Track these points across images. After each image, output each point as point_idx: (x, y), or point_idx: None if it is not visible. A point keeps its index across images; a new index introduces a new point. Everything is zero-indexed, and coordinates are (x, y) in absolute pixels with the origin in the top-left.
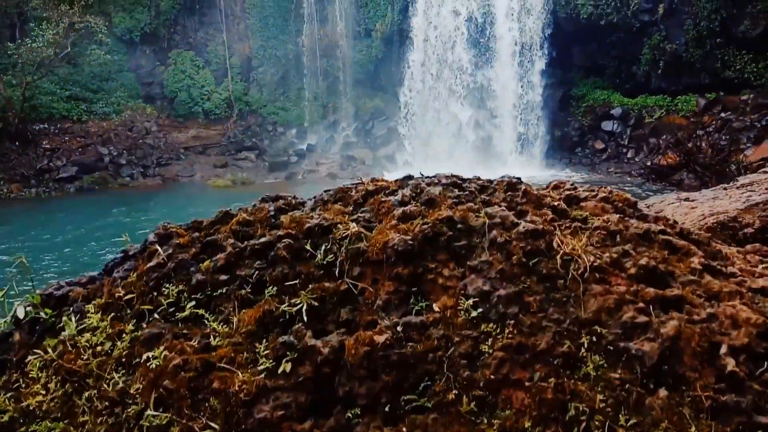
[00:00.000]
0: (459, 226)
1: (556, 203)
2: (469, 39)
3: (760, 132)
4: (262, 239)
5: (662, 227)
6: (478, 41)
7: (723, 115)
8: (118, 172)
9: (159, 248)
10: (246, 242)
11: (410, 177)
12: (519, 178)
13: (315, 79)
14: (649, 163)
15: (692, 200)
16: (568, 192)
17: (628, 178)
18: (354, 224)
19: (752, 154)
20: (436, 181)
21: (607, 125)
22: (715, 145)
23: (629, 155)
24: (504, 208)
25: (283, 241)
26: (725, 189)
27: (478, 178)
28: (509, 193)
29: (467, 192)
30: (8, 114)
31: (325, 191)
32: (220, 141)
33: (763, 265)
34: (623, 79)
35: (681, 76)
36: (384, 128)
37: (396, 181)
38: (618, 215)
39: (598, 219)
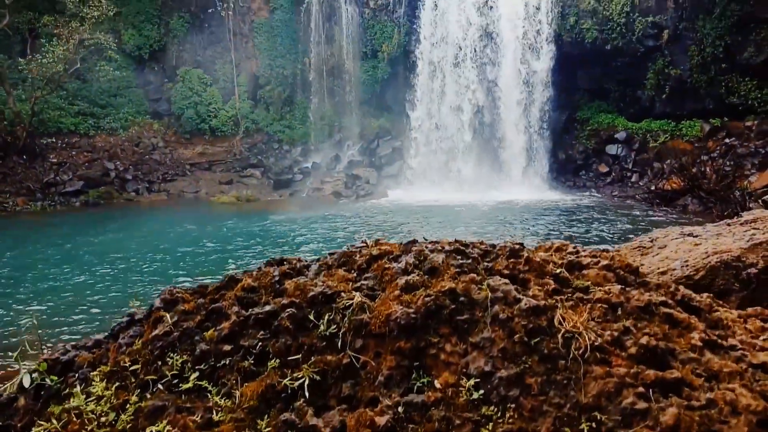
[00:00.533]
0: (462, 299)
1: (558, 271)
2: (474, 61)
3: (764, 158)
4: (266, 308)
5: (663, 298)
6: (483, 64)
7: (727, 140)
8: (123, 186)
9: (165, 314)
10: (250, 310)
11: (414, 242)
12: (521, 244)
13: (321, 98)
14: (653, 188)
15: (696, 236)
16: (570, 257)
17: (632, 202)
18: (357, 294)
19: (756, 181)
20: (440, 247)
21: (612, 149)
22: (720, 171)
23: (633, 179)
24: (506, 281)
25: (287, 310)
26: (729, 225)
27: (482, 242)
28: (511, 260)
29: (470, 259)
30: (17, 128)
31: (329, 254)
32: (225, 158)
33: (764, 337)
34: (628, 103)
35: (685, 101)
36: (389, 148)
37: (400, 245)
38: (619, 287)
39: (600, 290)
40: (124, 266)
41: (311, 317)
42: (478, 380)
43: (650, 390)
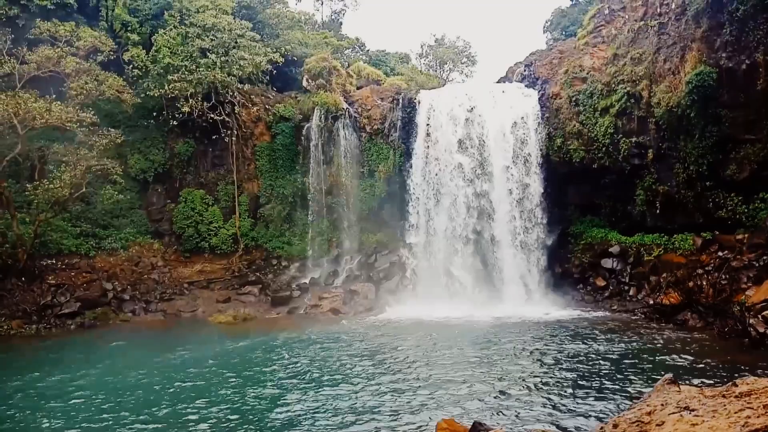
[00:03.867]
0: None
1: None
2: (467, 179)
3: (759, 271)
4: None
5: None
6: (475, 182)
7: (720, 253)
8: (120, 307)
9: None
10: None
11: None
12: None
13: (320, 215)
14: (651, 302)
15: (692, 410)
16: None
17: (633, 317)
18: None
19: (754, 295)
20: None
21: (607, 262)
22: (716, 285)
23: (631, 293)
24: None
25: None
26: (724, 397)
27: None
28: None
29: None
30: (18, 250)
31: None
32: (224, 275)
33: None
34: (619, 217)
35: (676, 215)
36: (387, 262)
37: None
38: None
39: None
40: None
41: None
42: None
43: None
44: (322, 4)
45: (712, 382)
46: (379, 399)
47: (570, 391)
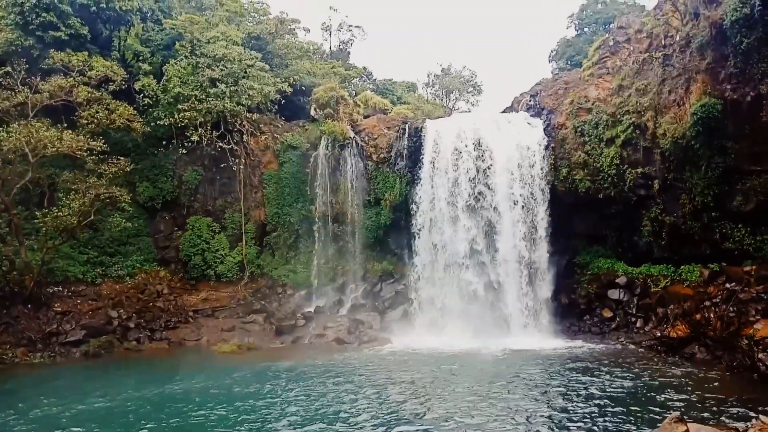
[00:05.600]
0: None
1: None
2: (473, 208)
3: (767, 305)
4: None
5: None
6: (481, 211)
7: (728, 285)
8: (125, 335)
9: None
10: None
11: None
12: None
13: (326, 243)
14: (658, 334)
15: None
16: None
17: (640, 350)
18: None
19: (762, 328)
20: None
21: (614, 293)
22: (724, 317)
23: (638, 324)
24: None
25: None
26: None
27: None
28: None
29: None
30: (25, 278)
31: None
32: (229, 303)
33: None
34: (626, 248)
35: (683, 246)
36: (392, 291)
37: None
38: None
39: None
40: None
41: None
42: None
43: None
44: (330, 34)
45: (720, 419)
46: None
47: (577, 430)
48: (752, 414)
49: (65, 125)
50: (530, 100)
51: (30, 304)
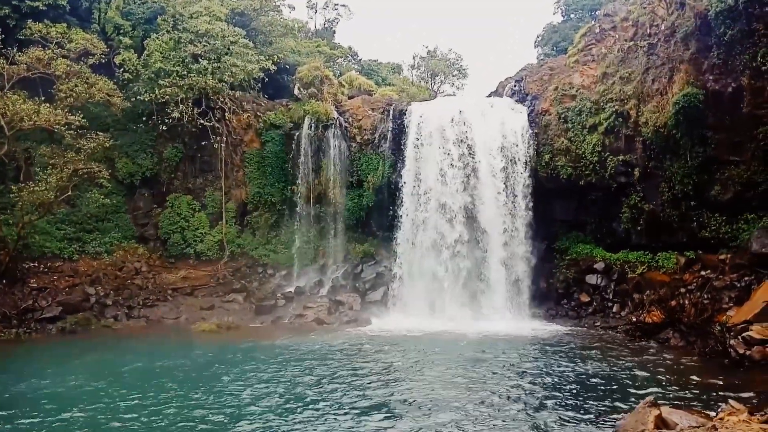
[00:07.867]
0: None
1: None
2: (455, 191)
3: (740, 292)
4: None
5: None
6: (463, 194)
7: (703, 273)
8: (102, 312)
9: None
10: None
11: None
12: None
13: (307, 224)
14: (634, 320)
15: None
16: None
17: (616, 334)
18: None
19: (735, 315)
20: None
21: (592, 278)
22: (698, 304)
23: (614, 309)
24: None
25: None
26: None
27: None
28: None
29: None
30: (0, 253)
31: None
32: (208, 282)
33: None
34: (604, 234)
35: (660, 234)
36: (373, 273)
37: None
38: None
39: None
40: None
41: None
42: None
43: None
44: (315, 12)
45: (692, 404)
46: (357, 419)
47: (552, 412)
48: (724, 398)
49: (43, 98)
50: (515, 86)
51: (5, 280)
